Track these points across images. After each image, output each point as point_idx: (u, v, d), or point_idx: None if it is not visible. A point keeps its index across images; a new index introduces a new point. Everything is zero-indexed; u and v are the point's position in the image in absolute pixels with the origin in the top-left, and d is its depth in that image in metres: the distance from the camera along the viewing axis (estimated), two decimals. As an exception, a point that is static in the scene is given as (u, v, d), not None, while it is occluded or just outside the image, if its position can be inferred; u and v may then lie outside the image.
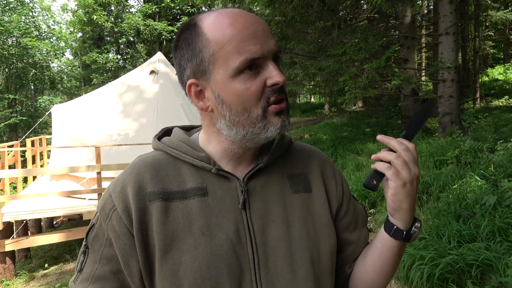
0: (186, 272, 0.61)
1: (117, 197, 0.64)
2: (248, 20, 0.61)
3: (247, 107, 0.62)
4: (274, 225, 0.67)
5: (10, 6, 20.66)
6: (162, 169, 0.67)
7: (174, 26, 21.85)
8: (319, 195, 0.74)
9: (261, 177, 0.70)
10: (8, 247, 5.33)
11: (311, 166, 0.76)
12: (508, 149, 4.29)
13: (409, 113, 9.72)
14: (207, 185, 0.67)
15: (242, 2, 9.22)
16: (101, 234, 0.65)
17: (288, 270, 0.66)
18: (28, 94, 23.50)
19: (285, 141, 0.76)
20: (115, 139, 7.51)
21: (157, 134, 0.76)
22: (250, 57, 0.59)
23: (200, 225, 0.64)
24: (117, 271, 0.64)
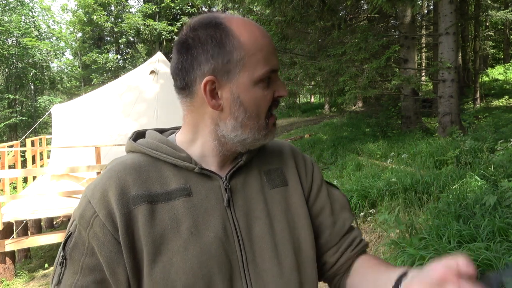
0: (178, 273, 0.61)
1: (97, 203, 0.62)
2: (262, 34, 0.67)
3: (259, 113, 0.67)
4: (258, 221, 0.70)
5: (10, 6, 20.66)
6: (143, 171, 0.66)
7: (174, 26, 21.86)
8: (295, 187, 0.76)
9: (241, 175, 0.73)
10: (8, 247, 5.33)
11: (285, 160, 0.79)
12: (508, 149, 4.29)
13: (409, 113, 9.72)
14: (191, 185, 0.67)
15: (242, 2, 9.23)
16: (81, 243, 0.62)
17: (274, 262, 0.68)
18: (28, 94, 23.50)
19: None
20: (115, 139, 7.51)
21: (131, 137, 0.74)
22: (272, 69, 0.66)
23: (188, 225, 0.64)
24: (101, 281, 0.61)
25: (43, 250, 7.15)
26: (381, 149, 7.49)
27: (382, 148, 7.54)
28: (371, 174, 5.27)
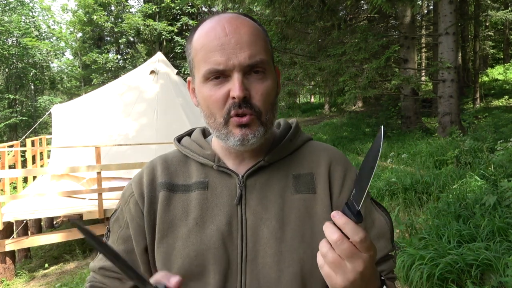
0: (177, 257, 0.67)
1: (135, 185, 0.74)
2: (224, 30, 0.63)
3: (212, 113, 0.66)
4: (267, 223, 0.68)
5: (10, 6, 20.66)
6: (173, 165, 0.75)
7: (174, 26, 21.85)
8: (322, 198, 0.71)
9: (263, 175, 0.72)
10: (8, 247, 5.33)
11: (320, 167, 0.74)
12: (508, 149, 4.29)
13: (409, 113, 9.72)
14: (209, 180, 0.72)
15: (242, 2, 9.23)
16: (121, 218, 0.74)
17: (274, 269, 0.66)
18: (28, 94, 23.50)
19: (296, 141, 0.77)
20: (115, 139, 7.51)
21: (181, 135, 0.83)
22: (213, 68, 0.63)
23: (195, 216, 0.69)
24: (130, 250, 0.72)
25: (43, 250, 7.15)
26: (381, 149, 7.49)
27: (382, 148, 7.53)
28: (371, 174, 5.27)
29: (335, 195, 0.72)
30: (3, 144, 7.61)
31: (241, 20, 0.66)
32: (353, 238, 0.50)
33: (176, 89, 8.73)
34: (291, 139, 0.76)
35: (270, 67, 0.68)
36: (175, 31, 21.88)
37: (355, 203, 0.52)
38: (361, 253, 0.51)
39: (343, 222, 0.50)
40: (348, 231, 0.50)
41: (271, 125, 0.70)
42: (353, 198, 0.53)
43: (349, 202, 0.53)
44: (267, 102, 0.66)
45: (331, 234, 0.51)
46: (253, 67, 0.64)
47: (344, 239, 0.50)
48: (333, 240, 0.51)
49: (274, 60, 0.74)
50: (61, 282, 5.06)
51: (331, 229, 0.51)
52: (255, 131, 0.65)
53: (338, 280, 0.52)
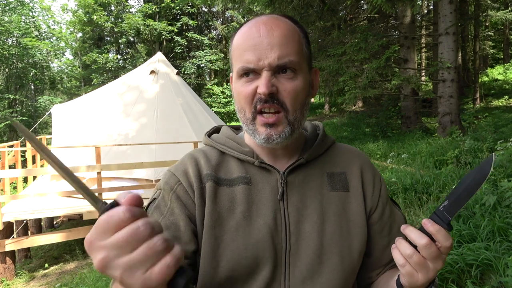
0: (225, 249, 0.68)
1: (180, 175, 0.73)
2: (258, 31, 0.67)
3: (243, 107, 0.71)
4: (308, 218, 0.72)
5: (10, 6, 20.65)
6: (213, 159, 0.77)
7: (174, 26, 21.86)
8: (356, 195, 0.76)
9: (301, 172, 0.75)
10: (8, 247, 5.33)
11: (352, 167, 0.79)
12: (508, 149, 4.29)
13: (409, 113, 9.72)
14: (251, 176, 0.74)
15: (242, 2, 9.23)
16: (163, 205, 0.72)
17: (317, 261, 0.70)
18: (28, 94, 23.50)
19: (326, 142, 0.82)
20: (115, 139, 7.51)
21: (208, 132, 0.84)
22: (245, 66, 0.68)
23: (242, 209, 0.71)
24: (174, 238, 0.69)
25: (43, 250, 7.15)
26: (381, 149, 7.50)
27: (382, 148, 7.54)
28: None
29: (369, 193, 0.78)
30: (3, 144, 7.61)
31: (277, 22, 0.69)
32: (443, 243, 0.58)
33: (176, 89, 8.73)
34: (322, 140, 0.80)
35: (301, 68, 0.70)
36: (175, 31, 21.89)
37: (446, 214, 0.59)
38: (443, 255, 0.59)
39: (436, 229, 0.58)
40: (440, 238, 0.57)
41: (299, 125, 0.72)
42: (444, 208, 0.60)
43: (439, 212, 0.60)
44: (295, 101, 0.69)
45: (419, 238, 0.58)
46: (282, 67, 0.67)
47: (432, 244, 0.58)
48: (422, 244, 0.57)
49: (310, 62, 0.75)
50: (61, 282, 5.06)
51: (419, 234, 0.58)
52: (280, 132, 0.69)
53: (420, 277, 0.59)
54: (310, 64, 0.74)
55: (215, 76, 24.78)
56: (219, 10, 24.09)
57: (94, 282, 4.56)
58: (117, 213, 0.41)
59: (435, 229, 0.58)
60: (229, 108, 22.02)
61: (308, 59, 0.73)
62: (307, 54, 0.72)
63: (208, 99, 21.78)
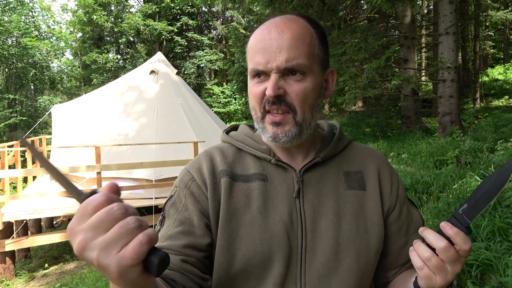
0: (241, 243, 0.70)
1: (195, 172, 0.76)
2: (269, 34, 0.69)
3: (254, 106, 0.73)
4: (324, 216, 0.73)
5: (10, 6, 20.65)
6: (229, 156, 0.78)
7: (174, 26, 21.85)
8: (372, 194, 0.77)
9: (318, 170, 0.76)
10: (8, 247, 5.32)
11: (369, 166, 0.80)
12: (508, 149, 4.29)
13: (409, 113, 9.72)
14: (267, 173, 0.75)
15: (242, 2, 9.23)
16: (178, 201, 0.75)
17: (333, 258, 0.71)
18: (28, 94, 23.49)
19: (343, 141, 0.83)
20: (115, 139, 7.51)
21: (226, 129, 0.87)
22: (255, 67, 0.70)
23: (258, 204, 0.72)
24: (186, 232, 0.71)
25: (43, 250, 7.15)
26: (381, 149, 7.49)
27: (382, 148, 7.54)
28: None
29: (386, 193, 0.78)
30: (3, 144, 7.61)
31: (288, 24, 0.69)
32: (462, 247, 0.57)
33: (176, 89, 8.73)
34: (339, 139, 0.82)
35: (311, 70, 0.70)
36: (175, 31, 21.88)
37: (465, 217, 0.58)
38: (462, 258, 0.59)
39: (455, 232, 0.57)
40: (458, 241, 0.57)
41: (309, 126, 0.72)
42: (463, 212, 0.59)
43: (458, 215, 0.59)
44: (304, 103, 0.70)
45: (437, 241, 0.58)
46: (290, 69, 0.68)
47: (450, 247, 0.57)
48: (440, 247, 0.57)
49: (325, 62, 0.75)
50: (61, 282, 5.05)
51: (437, 236, 0.58)
52: (286, 131, 0.70)
53: (438, 280, 0.59)
54: (324, 65, 0.75)
55: (215, 76, 24.78)
56: (219, 10, 24.08)
57: (94, 282, 4.56)
58: (95, 198, 0.43)
59: (454, 232, 0.57)
60: (229, 108, 22.02)
61: (322, 60, 0.73)
62: (321, 56, 0.73)
63: (208, 99, 21.78)
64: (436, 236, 0.59)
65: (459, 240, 0.57)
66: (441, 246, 0.57)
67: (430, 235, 0.59)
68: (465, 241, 0.57)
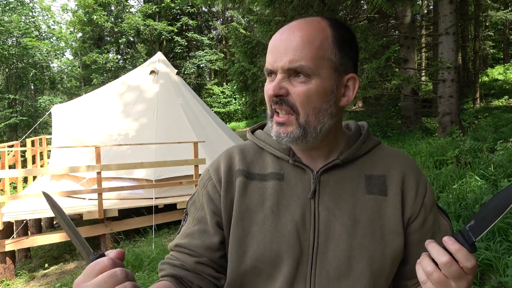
0: (252, 240, 0.72)
1: (213, 171, 0.79)
2: (282, 35, 0.70)
3: (266, 103, 0.74)
4: (339, 219, 0.72)
5: (10, 6, 20.65)
6: (249, 155, 0.80)
7: (174, 26, 21.84)
8: (393, 201, 0.74)
9: (337, 172, 0.75)
10: (8, 247, 5.33)
11: (393, 170, 0.76)
12: (508, 149, 4.29)
13: (409, 113, 9.72)
14: (284, 173, 0.76)
15: (242, 2, 9.22)
16: (197, 200, 0.81)
17: (345, 263, 0.70)
18: (28, 94, 23.49)
19: (369, 143, 0.80)
20: (115, 139, 7.51)
21: (253, 127, 0.88)
22: (266, 66, 0.72)
23: (271, 204, 0.73)
24: (203, 231, 0.76)
25: (43, 250, 7.15)
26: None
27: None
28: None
29: (410, 200, 0.75)
30: (3, 144, 7.61)
31: (302, 26, 0.70)
32: (464, 264, 0.55)
33: (176, 89, 8.73)
34: (364, 141, 0.79)
35: (317, 73, 0.68)
36: (175, 31, 21.88)
37: (471, 234, 0.57)
38: (467, 275, 0.57)
39: (456, 248, 0.56)
40: (460, 258, 0.55)
41: (314, 130, 0.70)
42: (469, 228, 0.57)
43: (464, 232, 0.57)
44: (306, 105, 0.69)
45: (439, 256, 0.57)
46: (294, 70, 0.68)
47: (453, 262, 0.56)
48: (442, 262, 0.56)
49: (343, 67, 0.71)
50: (61, 282, 5.05)
51: (440, 251, 0.57)
52: (289, 132, 0.70)
53: None
54: (342, 70, 0.71)
55: (215, 76, 24.77)
56: (219, 10, 24.08)
57: (94, 282, 4.55)
58: (102, 260, 0.51)
59: (455, 248, 0.56)
60: (229, 108, 22.02)
61: (337, 65, 0.70)
62: (334, 60, 0.70)
63: (208, 99, 21.78)
64: (440, 250, 0.57)
65: (461, 257, 0.55)
66: (443, 261, 0.56)
67: (434, 249, 0.58)
68: (467, 258, 0.55)
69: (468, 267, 0.55)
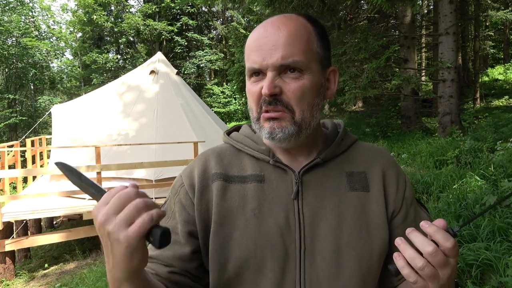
0: (234, 246, 0.68)
1: (185, 177, 0.75)
2: (265, 32, 0.67)
3: (251, 106, 0.71)
4: (324, 219, 0.70)
5: (10, 6, 20.65)
6: (226, 157, 0.77)
7: (174, 26, 21.84)
8: (376, 196, 0.73)
9: (318, 172, 0.73)
10: (8, 247, 5.32)
11: (373, 166, 0.76)
12: (508, 149, 4.29)
13: (409, 113, 9.72)
14: (265, 174, 0.73)
15: (242, 2, 9.22)
16: (169, 208, 0.76)
17: (333, 264, 0.68)
18: (28, 94, 23.48)
19: (347, 140, 0.79)
20: (115, 139, 7.51)
21: (228, 130, 0.84)
22: (250, 66, 0.68)
23: (253, 206, 0.70)
24: (174, 241, 0.72)
25: (43, 250, 7.15)
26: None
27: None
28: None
29: (391, 194, 0.75)
30: (3, 144, 7.61)
31: (285, 21, 0.67)
32: (444, 244, 0.54)
33: (176, 89, 8.73)
34: (342, 138, 0.78)
35: (309, 68, 0.67)
36: (175, 31, 21.87)
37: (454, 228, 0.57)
38: (450, 259, 0.55)
39: (434, 230, 0.54)
40: (439, 238, 0.54)
41: (309, 126, 0.69)
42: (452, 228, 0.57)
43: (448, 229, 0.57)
44: (301, 101, 0.67)
45: (425, 246, 0.54)
46: (286, 67, 0.66)
47: (438, 250, 0.54)
48: (428, 252, 0.54)
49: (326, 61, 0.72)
50: (61, 282, 5.05)
51: (424, 241, 0.54)
52: (283, 127, 0.67)
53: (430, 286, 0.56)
54: (325, 63, 0.72)
55: (215, 76, 24.78)
56: (219, 10, 24.08)
57: (94, 282, 4.56)
58: (117, 187, 0.53)
59: (433, 229, 0.54)
60: (229, 108, 22.02)
61: (322, 59, 0.71)
62: (320, 53, 0.70)
63: (208, 99, 21.78)
64: (424, 240, 0.54)
65: (439, 237, 0.53)
66: (429, 250, 0.53)
67: (417, 238, 0.55)
68: (445, 238, 0.53)
69: (448, 246, 0.53)
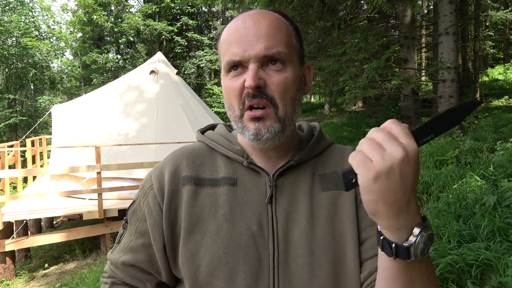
0: (205, 253, 0.66)
1: (155, 178, 0.71)
2: (244, 24, 0.64)
3: (231, 104, 0.67)
4: (298, 223, 0.67)
5: (10, 6, 20.65)
6: (198, 157, 0.73)
7: (174, 26, 21.83)
8: (348, 193, 0.71)
9: (292, 174, 0.71)
10: (8, 247, 5.33)
11: (344, 164, 0.74)
12: (508, 149, 4.29)
13: (409, 113, 9.72)
14: (238, 177, 0.70)
15: (242, 2, 9.22)
16: (138, 210, 0.73)
17: (307, 269, 0.65)
18: (28, 94, 23.49)
19: (322, 143, 0.77)
20: (115, 139, 7.51)
21: (202, 128, 0.81)
22: (230, 59, 0.64)
23: (225, 212, 0.67)
24: (148, 245, 0.70)
25: (43, 250, 7.15)
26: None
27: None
28: (371, 174, 5.27)
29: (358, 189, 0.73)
30: (3, 144, 7.61)
31: (263, 14, 0.66)
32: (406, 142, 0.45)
33: (176, 89, 8.73)
34: (317, 141, 0.76)
35: (291, 60, 0.66)
36: (175, 31, 21.86)
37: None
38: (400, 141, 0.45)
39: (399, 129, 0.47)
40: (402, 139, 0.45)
41: (291, 122, 0.67)
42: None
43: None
44: (285, 95, 0.65)
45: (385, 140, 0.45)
46: (270, 58, 0.64)
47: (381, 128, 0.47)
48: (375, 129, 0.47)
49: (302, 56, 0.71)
50: (61, 282, 5.05)
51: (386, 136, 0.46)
52: (269, 127, 0.64)
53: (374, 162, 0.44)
54: (301, 59, 0.70)
55: (215, 76, 24.77)
56: (219, 10, 24.08)
57: (94, 282, 4.56)
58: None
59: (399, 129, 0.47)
60: (229, 108, 21.99)
61: (299, 54, 0.69)
62: (298, 48, 0.69)
63: (208, 99, 21.77)
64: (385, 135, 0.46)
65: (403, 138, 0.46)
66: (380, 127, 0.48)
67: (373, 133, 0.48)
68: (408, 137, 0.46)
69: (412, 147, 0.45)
